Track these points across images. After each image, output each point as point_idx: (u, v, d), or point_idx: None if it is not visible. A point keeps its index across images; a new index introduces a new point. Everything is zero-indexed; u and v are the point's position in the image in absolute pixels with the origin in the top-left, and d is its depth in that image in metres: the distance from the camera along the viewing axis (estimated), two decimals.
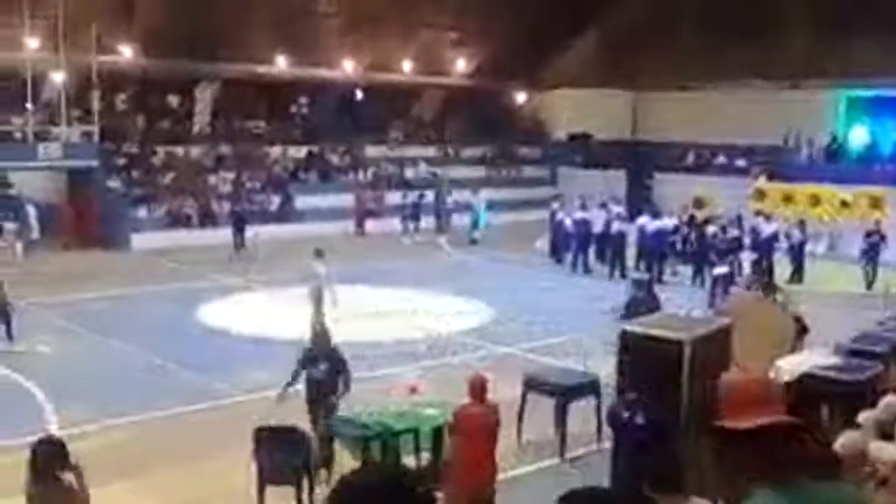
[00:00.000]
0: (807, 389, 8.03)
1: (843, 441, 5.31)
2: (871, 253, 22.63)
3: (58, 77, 27.20)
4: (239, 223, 26.89)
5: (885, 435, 5.43)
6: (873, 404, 6.00)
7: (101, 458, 10.31)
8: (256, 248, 24.83)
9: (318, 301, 16.44)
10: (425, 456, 10.09)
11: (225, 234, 26.92)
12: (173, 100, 32.42)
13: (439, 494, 8.83)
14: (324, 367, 10.40)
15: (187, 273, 23.30)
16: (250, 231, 26.14)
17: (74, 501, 6.61)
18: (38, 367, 14.57)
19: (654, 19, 34.34)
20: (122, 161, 29.25)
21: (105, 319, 17.96)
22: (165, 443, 11.54)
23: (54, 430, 11.54)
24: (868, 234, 23.02)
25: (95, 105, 27.94)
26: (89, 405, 12.49)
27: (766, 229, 23.44)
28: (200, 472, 10.61)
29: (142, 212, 28.01)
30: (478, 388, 8.93)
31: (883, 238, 22.79)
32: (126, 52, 28.77)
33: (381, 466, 3.24)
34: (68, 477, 6.59)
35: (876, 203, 27.73)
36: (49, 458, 6.56)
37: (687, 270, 23.22)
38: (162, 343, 16.12)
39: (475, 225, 29.65)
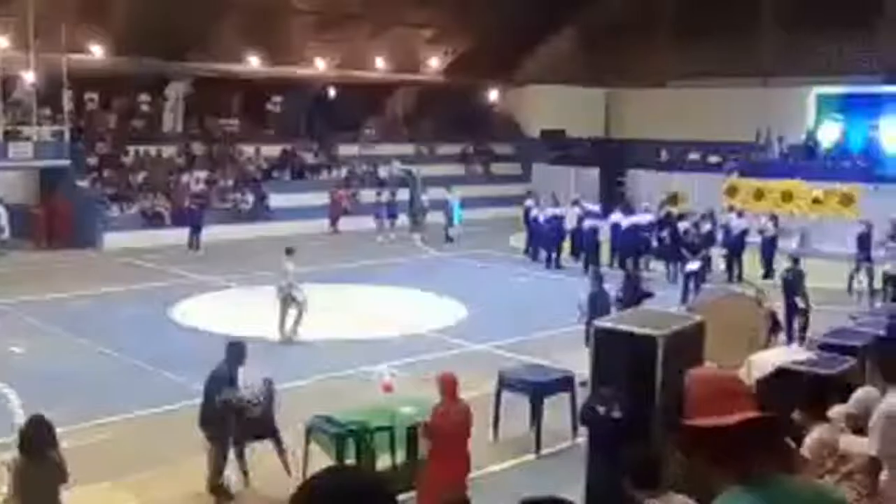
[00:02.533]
0: (779, 384, 8.10)
1: (814, 435, 5.38)
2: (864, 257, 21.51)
3: (28, 76, 26.96)
4: (195, 222, 26.88)
5: (855, 429, 5.49)
6: (844, 399, 6.07)
7: (76, 459, 10.24)
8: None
9: (286, 300, 16.45)
10: (401, 454, 10.11)
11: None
12: (145, 99, 32.22)
13: (412, 494, 8.87)
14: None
15: (160, 272, 23.18)
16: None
17: (61, 477, 7.29)
18: (11, 367, 14.46)
19: (629, 17, 34.51)
20: (93, 160, 29.06)
21: (78, 319, 17.82)
22: (142, 443, 11.47)
23: None
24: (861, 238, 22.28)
25: (66, 104, 27.74)
26: (63, 406, 12.33)
27: (737, 225, 23.58)
28: (178, 472, 10.57)
29: (114, 211, 27.84)
30: (449, 387, 8.94)
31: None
32: (97, 52, 28.55)
33: (347, 469, 3.27)
34: (54, 454, 7.29)
35: (847, 199, 27.99)
36: (40, 437, 7.22)
37: (661, 266, 23.35)
38: (136, 342, 16.04)
39: (450, 222, 29.66)
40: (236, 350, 10.26)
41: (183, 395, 13.23)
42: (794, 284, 16.43)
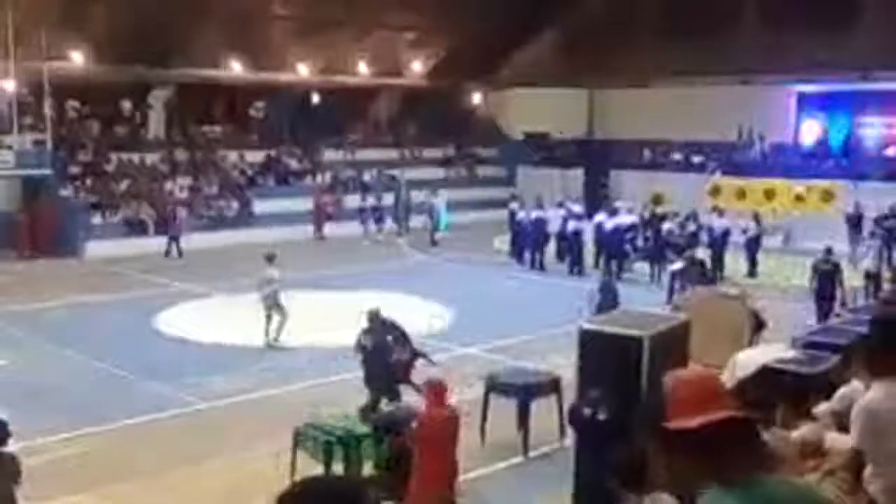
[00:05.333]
0: (764, 383, 8.10)
1: (797, 433, 5.38)
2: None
3: (9, 85, 26.80)
4: (173, 230, 26.73)
5: (840, 426, 5.50)
6: (829, 397, 6.08)
7: (59, 470, 10.22)
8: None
9: (270, 308, 16.41)
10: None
11: (183, 240, 26.85)
12: (127, 106, 32.09)
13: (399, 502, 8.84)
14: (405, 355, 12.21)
15: (144, 280, 23.07)
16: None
17: (17, 469, 7.57)
18: None
19: (609, 18, 34.58)
20: (76, 169, 28.91)
21: (61, 329, 17.71)
22: (127, 454, 11.41)
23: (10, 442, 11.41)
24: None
25: (48, 112, 27.59)
26: (46, 417, 12.30)
27: (719, 225, 23.67)
28: (159, 483, 10.52)
29: (97, 219, 27.70)
30: (436, 391, 8.92)
31: None
32: (78, 59, 28.42)
33: (331, 476, 3.26)
34: (9, 451, 7.61)
35: (828, 196, 28.16)
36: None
37: (645, 267, 23.42)
38: (120, 352, 15.94)
39: (436, 226, 29.67)
40: (377, 313, 12.48)
41: (167, 405, 13.20)
42: (830, 274, 17.48)
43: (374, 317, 12.47)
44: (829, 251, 18.18)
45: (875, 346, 5.09)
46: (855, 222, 25.80)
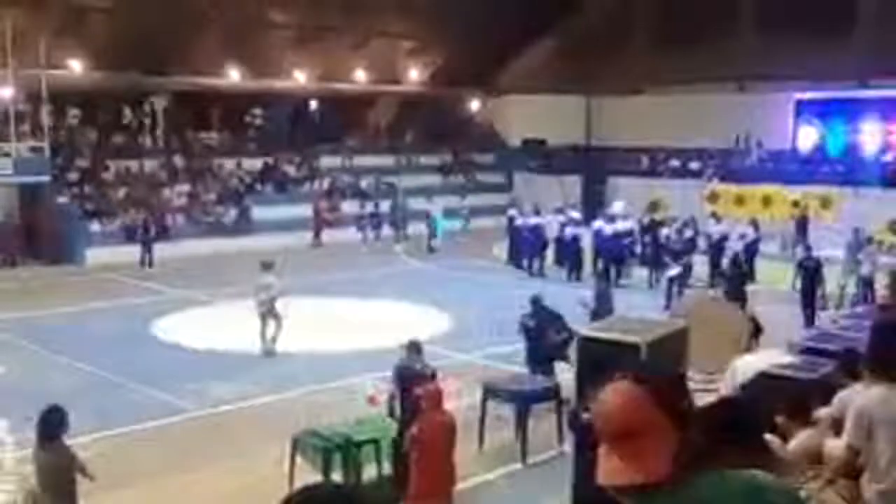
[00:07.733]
0: (762, 388, 8.09)
1: (796, 441, 5.38)
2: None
3: (6, 92, 26.80)
4: (146, 238, 26.33)
5: (839, 432, 5.50)
6: (827, 403, 6.08)
7: None
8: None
9: (266, 314, 16.37)
10: (387, 467, 10.09)
11: (181, 247, 26.81)
12: (125, 113, 32.10)
13: None
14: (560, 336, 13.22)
15: (142, 287, 23.06)
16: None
17: (73, 462, 7.72)
18: None
19: (606, 25, 34.66)
20: (74, 176, 28.91)
21: (59, 336, 17.67)
22: (127, 460, 11.37)
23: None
24: None
25: (46, 120, 27.58)
26: None
27: (716, 231, 23.68)
28: (162, 488, 10.50)
29: (95, 226, 27.69)
30: (433, 398, 8.92)
31: None
32: (76, 67, 28.43)
33: (330, 484, 3.25)
34: (67, 442, 7.82)
35: (825, 202, 28.19)
36: (57, 424, 7.77)
37: (643, 273, 23.42)
38: (118, 359, 15.91)
39: (433, 233, 29.66)
40: (539, 299, 13.93)
41: (166, 412, 13.18)
42: (814, 272, 18.21)
43: (536, 302, 13.91)
44: (808, 249, 19.62)
45: (875, 351, 5.12)
46: (801, 224, 26.84)
